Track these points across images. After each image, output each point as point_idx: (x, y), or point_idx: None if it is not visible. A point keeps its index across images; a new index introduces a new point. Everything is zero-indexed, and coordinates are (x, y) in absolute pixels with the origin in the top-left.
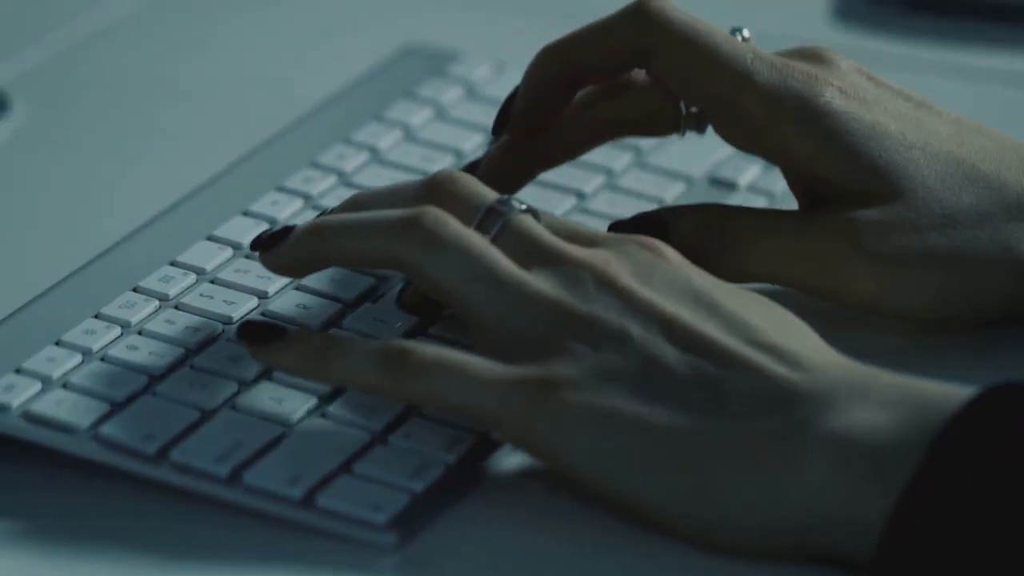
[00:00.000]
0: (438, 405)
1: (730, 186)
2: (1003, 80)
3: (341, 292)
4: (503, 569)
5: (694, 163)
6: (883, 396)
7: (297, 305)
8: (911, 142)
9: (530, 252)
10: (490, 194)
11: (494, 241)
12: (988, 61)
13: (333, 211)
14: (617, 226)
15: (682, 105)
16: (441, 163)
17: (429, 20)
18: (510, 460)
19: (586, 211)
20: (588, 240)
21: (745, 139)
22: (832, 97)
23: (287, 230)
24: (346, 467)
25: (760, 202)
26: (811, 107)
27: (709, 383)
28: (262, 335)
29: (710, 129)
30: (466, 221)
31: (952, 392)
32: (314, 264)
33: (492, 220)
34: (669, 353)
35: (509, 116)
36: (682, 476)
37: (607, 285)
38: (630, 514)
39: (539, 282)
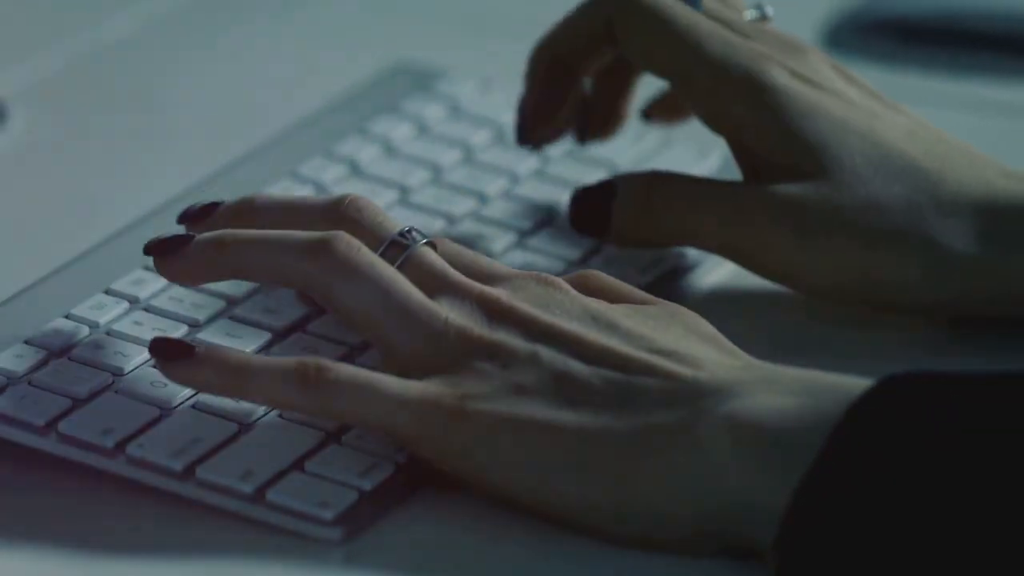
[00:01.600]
0: (354, 423)
1: None
2: (992, 109)
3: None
4: (445, 565)
5: None
6: (785, 386)
7: (264, 309)
8: (852, 128)
9: (432, 284)
10: (393, 225)
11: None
12: (977, 90)
13: (227, 208)
14: (576, 195)
15: None
16: (418, 177)
17: (429, 40)
18: None
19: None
20: (484, 275)
21: (697, 109)
22: (777, 75)
23: (186, 239)
24: (299, 465)
25: None
26: (753, 81)
27: (616, 386)
28: (171, 351)
29: None
30: (370, 249)
31: (854, 382)
32: (213, 276)
33: (395, 252)
34: (577, 367)
35: (526, 124)
36: (595, 475)
37: (508, 316)
38: (555, 521)
39: (447, 311)
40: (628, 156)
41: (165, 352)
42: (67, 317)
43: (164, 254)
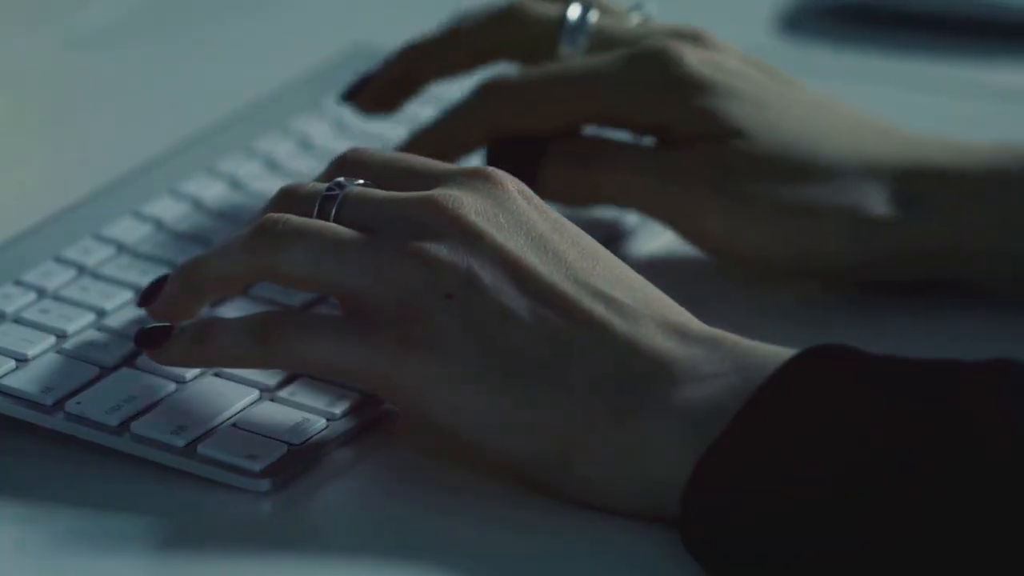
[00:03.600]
0: (310, 370)
1: None
2: (944, 89)
3: None
4: (368, 517)
5: None
6: (717, 365)
7: None
8: (769, 104)
9: (372, 215)
10: (322, 186)
11: (337, 221)
12: (935, 71)
13: None
14: (498, 143)
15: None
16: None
17: (389, 22)
18: (393, 417)
19: None
20: (428, 178)
21: (614, 121)
22: (689, 65)
23: (162, 279)
24: (231, 421)
25: None
26: (668, 76)
27: (559, 340)
28: (156, 338)
29: None
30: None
31: (781, 354)
32: (193, 301)
33: (329, 205)
34: (520, 305)
35: (362, 99)
36: (535, 438)
37: (452, 222)
38: (498, 468)
39: (382, 238)
40: None
41: (150, 340)
42: (17, 283)
43: (148, 302)
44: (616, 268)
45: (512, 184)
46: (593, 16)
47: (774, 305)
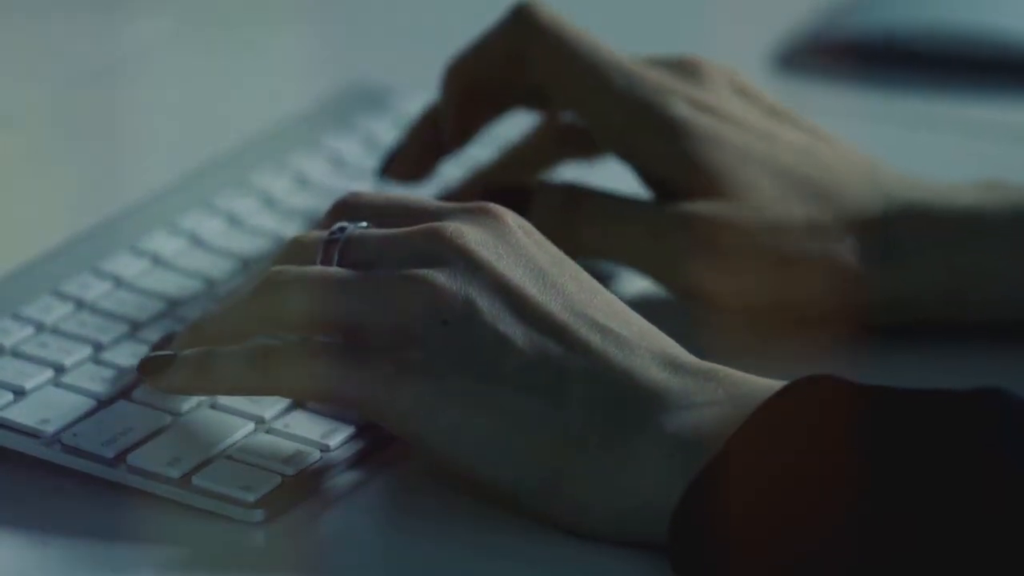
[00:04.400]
0: (309, 396)
1: None
2: (942, 127)
3: None
4: (360, 547)
5: None
6: (710, 393)
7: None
8: (753, 156)
9: (375, 252)
10: (325, 232)
11: (341, 264)
12: (928, 109)
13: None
14: (488, 187)
15: None
16: (362, 186)
17: (391, 61)
18: (385, 449)
19: None
20: (428, 215)
21: (603, 142)
22: (678, 107)
23: (168, 336)
24: (226, 452)
25: None
26: (656, 115)
27: (554, 366)
28: (158, 366)
29: None
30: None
31: (773, 385)
32: (204, 372)
33: (332, 249)
34: (517, 333)
35: (448, 145)
36: (528, 461)
37: (452, 251)
38: (488, 496)
39: (380, 272)
40: None
41: (153, 368)
42: (15, 317)
43: (155, 372)
44: (613, 303)
45: (512, 219)
46: None
47: (763, 342)
